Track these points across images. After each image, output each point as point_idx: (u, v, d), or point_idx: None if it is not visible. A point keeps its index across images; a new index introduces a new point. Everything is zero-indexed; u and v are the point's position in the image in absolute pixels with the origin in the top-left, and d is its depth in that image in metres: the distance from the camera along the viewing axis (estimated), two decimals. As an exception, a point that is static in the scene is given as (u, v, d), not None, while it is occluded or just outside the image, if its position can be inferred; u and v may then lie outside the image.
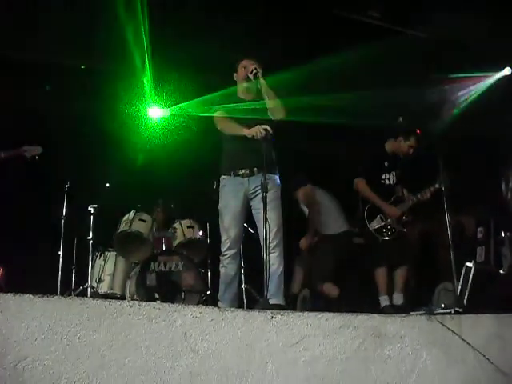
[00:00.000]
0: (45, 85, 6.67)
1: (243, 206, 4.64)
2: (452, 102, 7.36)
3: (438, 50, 6.55)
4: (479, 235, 5.96)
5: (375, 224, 5.73)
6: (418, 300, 6.07)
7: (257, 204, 4.57)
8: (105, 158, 6.62)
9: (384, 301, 5.67)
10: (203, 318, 2.40)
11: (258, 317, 2.50)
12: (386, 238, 5.70)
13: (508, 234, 5.81)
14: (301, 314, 2.65)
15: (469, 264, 5.23)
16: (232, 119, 4.68)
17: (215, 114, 4.77)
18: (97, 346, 2.21)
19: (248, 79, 4.70)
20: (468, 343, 2.93)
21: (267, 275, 4.15)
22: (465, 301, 5.01)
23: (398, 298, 5.72)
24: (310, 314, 2.67)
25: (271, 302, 4.29)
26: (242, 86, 4.84)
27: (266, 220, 4.22)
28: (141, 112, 6.99)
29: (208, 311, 2.44)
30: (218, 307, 4.50)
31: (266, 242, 4.19)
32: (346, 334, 2.64)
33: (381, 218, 5.73)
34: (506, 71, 7.16)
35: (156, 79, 6.74)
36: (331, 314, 2.68)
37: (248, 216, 4.69)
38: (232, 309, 2.68)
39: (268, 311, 2.56)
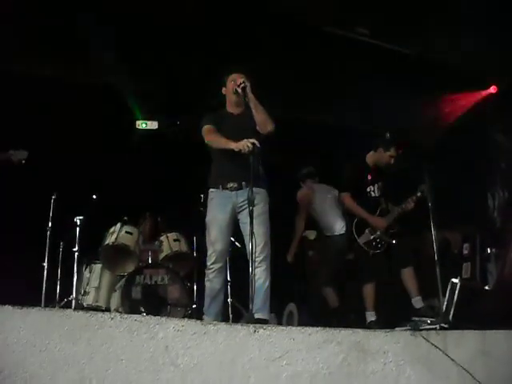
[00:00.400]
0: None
1: (231, 220, 4.63)
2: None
3: (425, 67, 6.60)
4: (465, 251, 5.99)
5: (364, 238, 5.72)
6: (403, 315, 6.05)
7: (244, 218, 4.56)
8: (91, 170, 6.58)
9: (370, 316, 5.66)
10: (185, 332, 2.38)
11: (240, 331, 2.48)
12: (377, 252, 5.68)
13: (494, 250, 5.83)
14: (284, 328, 2.64)
15: (454, 280, 5.22)
16: (220, 133, 4.68)
17: (204, 127, 4.76)
18: (77, 358, 2.18)
19: (236, 92, 4.70)
20: (452, 359, 2.92)
21: (253, 289, 4.14)
22: (450, 317, 5.01)
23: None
24: (293, 328, 2.66)
25: (257, 316, 4.26)
26: (230, 100, 4.85)
27: (252, 234, 4.21)
28: (128, 124, 6.97)
29: (190, 324, 2.42)
30: (201, 320, 4.53)
31: (252, 256, 4.19)
32: (329, 349, 2.63)
33: (369, 231, 5.72)
34: (492, 89, 7.24)
35: (143, 91, 6.73)
36: (314, 329, 2.67)
37: (235, 230, 4.68)
38: (214, 322, 2.66)
39: (251, 325, 2.54)
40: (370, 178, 5.89)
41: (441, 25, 6.14)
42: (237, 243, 5.28)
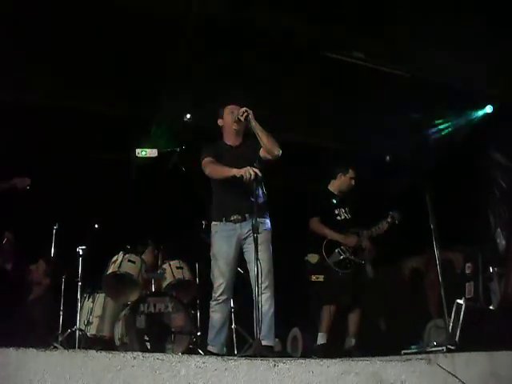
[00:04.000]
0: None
1: (236, 252, 4.66)
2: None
3: (421, 88, 6.68)
4: (468, 271, 6.01)
5: (334, 258, 5.79)
6: (408, 337, 6.06)
7: (248, 247, 4.61)
8: (93, 199, 6.59)
9: (320, 338, 5.72)
10: (206, 368, 2.38)
11: (260, 365, 2.49)
12: (346, 272, 5.74)
13: (496, 269, 5.86)
14: (303, 361, 2.64)
15: (459, 301, 5.26)
16: (220, 163, 4.69)
17: (204, 160, 4.75)
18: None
19: (239, 121, 4.72)
20: None
21: (259, 316, 4.15)
22: (457, 338, 5.02)
23: (350, 341, 5.78)
24: (312, 361, 2.66)
25: (263, 343, 4.28)
26: (228, 131, 4.88)
27: (257, 260, 4.23)
28: (129, 152, 6.99)
29: (211, 361, 2.42)
30: (206, 350, 4.53)
31: (257, 283, 4.20)
32: (347, 381, 2.64)
33: (339, 252, 5.80)
34: (488, 109, 7.32)
35: (144, 119, 6.77)
36: (332, 361, 2.67)
37: (241, 261, 4.71)
38: (235, 357, 2.67)
39: (271, 359, 2.55)
40: (335, 202, 6.02)
41: (434, 46, 6.23)
42: (240, 269, 5.27)
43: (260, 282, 4.26)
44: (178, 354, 2.45)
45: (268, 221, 4.70)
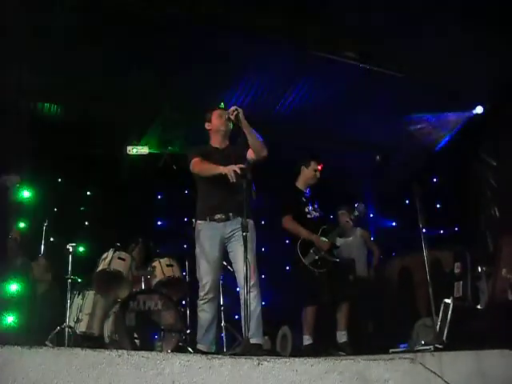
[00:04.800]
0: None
1: (220, 251, 4.68)
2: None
3: (412, 88, 6.71)
4: (456, 270, 6.02)
5: (310, 258, 5.75)
6: (397, 336, 6.11)
7: (233, 246, 4.65)
8: (83, 197, 6.60)
9: (306, 340, 5.71)
10: (191, 366, 2.40)
11: (244, 363, 2.51)
12: (322, 271, 5.71)
13: (484, 268, 5.88)
14: (287, 359, 2.66)
15: (447, 300, 5.30)
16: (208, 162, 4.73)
17: (192, 161, 4.77)
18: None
19: (229, 120, 4.74)
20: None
21: (247, 315, 4.18)
22: (444, 337, 5.06)
23: (341, 336, 5.74)
24: (296, 359, 2.67)
25: (252, 341, 4.31)
26: (216, 134, 4.94)
27: (246, 259, 4.25)
28: (119, 150, 6.99)
29: (196, 359, 2.44)
30: (196, 348, 4.56)
31: (246, 282, 4.21)
32: (331, 379, 2.65)
33: (313, 251, 5.77)
34: (478, 109, 7.36)
35: (134, 118, 6.77)
36: (316, 360, 2.69)
37: (225, 259, 4.75)
38: (220, 356, 2.68)
39: (255, 358, 2.57)
40: (304, 199, 5.99)
41: (426, 45, 6.26)
42: (230, 267, 5.29)
43: (248, 280, 4.28)
44: (164, 352, 2.43)
45: (252, 221, 4.69)
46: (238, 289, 4.70)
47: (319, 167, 6.07)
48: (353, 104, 6.85)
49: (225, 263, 4.96)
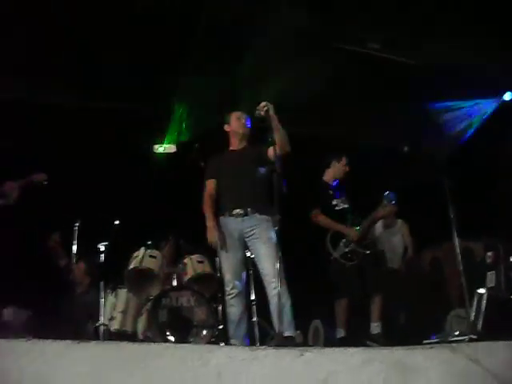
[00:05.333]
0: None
1: (241, 246, 4.79)
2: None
3: (438, 78, 6.67)
4: (488, 260, 5.99)
5: (340, 251, 5.78)
6: (429, 328, 6.08)
7: (253, 243, 4.70)
8: (113, 196, 6.67)
9: (339, 333, 5.73)
10: (235, 358, 2.43)
11: (287, 354, 2.54)
12: (353, 263, 5.74)
13: (517, 258, 5.84)
14: (327, 350, 2.69)
15: (481, 290, 5.28)
16: (221, 175, 5.00)
17: (206, 183, 5.09)
18: (133, 389, 2.24)
19: (259, 115, 4.77)
20: (488, 372, 2.94)
21: (278, 310, 4.24)
22: (479, 327, 5.05)
23: (375, 328, 5.76)
24: (336, 349, 2.70)
25: (285, 334, 4.37)
26: (235, 136, 5.08)
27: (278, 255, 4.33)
28: (148, 148, 7.06)
29: (240, 351, 2.48)
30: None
31: (279, 277, 4.27)
32: (371, 369, 2.66)
33: (343, 244, 5.79)
34: (507, 96, 7.29)
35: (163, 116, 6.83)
36: (356, 349, 2.71)
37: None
38: (263, 347, 2.72)
39: (297, 349, 2.60)
40: (332, 192, 6.01)
41: (450, 34, 6.22)
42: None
43: (271, 278, 4.42)
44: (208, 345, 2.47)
45: (269, 218, 4.71)
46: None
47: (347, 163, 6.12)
48: (374, 94, 6.82)
49: (252, 255, 5.02)
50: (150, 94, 6.64)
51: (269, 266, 4.52)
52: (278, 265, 4.43)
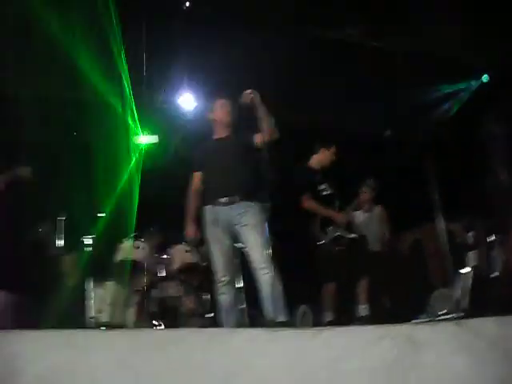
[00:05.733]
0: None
1: (229, 234, 4.72)
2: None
3: (414, 62, 6.78)
4: (469, 240, 6.15)
5: (328, 236, 5.85)
6: (412, 308, 6.20)
7: (242, 230, 4.68)
8: (96, 188, 6.63)
9: (328, 316, 5.78)
10: (256, 339, 2.49)
11: (305, 333, 2.61)
12: (340, 248, 5.81)
13: (498, 236, 5.98)
14: (342, 328, 2.77)
15: (466, 269, 5.43)
16: (207, 166, 4.91)
17: (193, 175, 5.01)
18: (160, 373, 2.28)
19: (245, 102, 4.78)
20: (492, 344, 3.06)
21: (268, 296, 4.30)
22: (465, 305, 5.20)
23: (362, 310, 5.84)
24: (350, 328, 2.79)
25: (277, 320, 4.42)
26: (219, 124, 4.99)
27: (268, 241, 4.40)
28: (130, 139, 7.03)
29: (260, 332, 2.53)
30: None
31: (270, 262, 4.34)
32: (385, 344, 2.75)
33: (332, 229, 5.85)
34: (484, 79, 7.46)
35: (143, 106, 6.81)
36: (369, 327, 2.80)
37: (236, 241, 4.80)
38: (282, 328, 2.77)
39: (314, 328, 2.67)
40: (318, 178, 6.05)
41: (428, 18, 6.32)
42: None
43: (261, 264, 4.43)
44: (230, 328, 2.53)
45: (257, 204, 4.70)
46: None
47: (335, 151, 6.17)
48: (356, 79, 6.91)
49: (242, 244, 5.05)
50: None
51: (258, 253, 4.48)
52: (268, 251, 4.49)
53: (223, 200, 4.70)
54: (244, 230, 4.63)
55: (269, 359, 2.46)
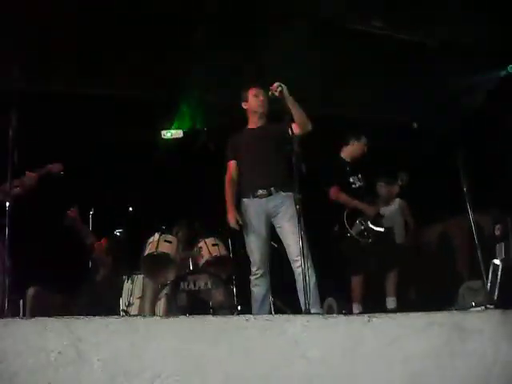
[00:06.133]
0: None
1: (267, 226, 4.76)
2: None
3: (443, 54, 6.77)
4: (497, 232, 6.13)
5: (356, 228, 5.85)
6: (440, 301, 6.20)
7: (279, 221, 4.72)
8: (125, 183, 6.68)
9: (356, 309, 5.79)
10: (310, 326, 2.53)
11: (355, 320, 2.65)
12: (368, 241, 5.81)
13: (525, 228, 5.98)
14: (392, 315, 2.81)
15: (496, 261, 5.42)
16: (242, 154, 4.91)
17: (227, 164, 5.00)
18: (220, 359, 2.32)
19: (273, 96, 4.79)
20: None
21: (306, 287, 4.29)
22: (495, 297, 5.19)
23: (391, 302, 5.86)
24: (399, 314, 2.82)
25: (312, 311, 4.43)
26: (253, 113, 5.00)
27: (300, 232, 4.34)
28: (158, 135, 7.07)
29: (314, 319, 2.58)
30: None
31: (302, 256, 4.30)
32: (432, 331, 2.79)
33: (359, 222, 5.85)
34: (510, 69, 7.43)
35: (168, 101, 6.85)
36: (418, 314, 2.84)
37: (273, 234, 4.82)
38: (334, 315, 2.81)
39: (365, 315, 2.70)
40: (348, 169, 6.05)
41: (451, 10, 6.31)
42: (272, 243, 5.37)
43: (297, 256, 4.37)
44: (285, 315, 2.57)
45: (293, 194, 4.66)
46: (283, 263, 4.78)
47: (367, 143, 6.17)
48: (384, 72, 6.92)
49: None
50: (159, 79, 6.62)
51: (295, 244, 4.47)
52: (302, 242, 4.50)
53: (260, 193, 4.74)
54: (280, 221, 4.66)
55: (322, 345, 2.51)
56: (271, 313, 5.76)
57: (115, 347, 2.22)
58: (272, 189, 4.72)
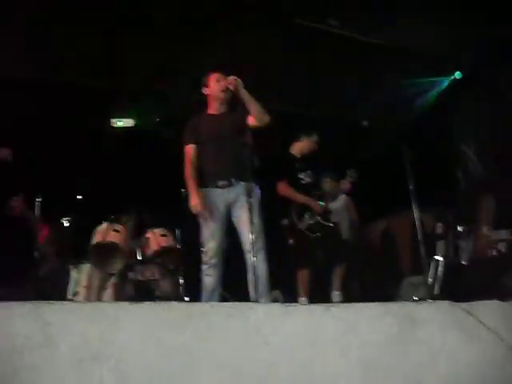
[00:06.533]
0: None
1: (224, 217, 4.76)
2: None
3: (391, 55, 6.94)
4: (439, 230, 6.36)
5: (304, 223, 5.98)
6: (383, 296, 6.38)
7: (237, 211, 4.74)
8: (74, 171, 6.57)
9: (302, 301, 5.84)
10: (272, 314, 2.59)
11: (316, 309, 2.73)
12: (316, 235, 5.94)
13: (464, 227, 6.22)
14: (349, 305, 2.91)
15: (437, 257, 5.65)
16: (201, 139, 4.83)
17: (185, 147, 4.87)
18: (186, 345, 2.35)
19: (227, 90, 4.82)
20: (481, 323, 3.25)
21: (255, 278, 4.34)
22: (436, 291, 5.41)
23: (336, 296, 5.98)
24: (357, 304, 2.93)
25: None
26: (214, 100, 4.96)
27: (251, 223, 4.40)
28: (108, 122, 6.97)
29: (275, 307, 2.64)
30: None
31: (252, 246, 4.35)
32: (387, 321, 2.91)
33: (308, 216, 5.98)
34: (457, 75, 7.71)
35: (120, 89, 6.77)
36: (374, 304, 2.95)
37: (229, 225, 4.82)
38: (295, 304, 2.88)
39: (325, 304, 2.79)
40: (297, 166, 6.15)
41: (404, 12, 6.48)
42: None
43: (254, 244, 4.40)
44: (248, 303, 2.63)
45: (255, 186, 4.74)
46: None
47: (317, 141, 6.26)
48: (337, 72, 7.04)
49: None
50: (109, 66, 6.53)
51: (249, 234, 4.45)
52: (260, 233, 4.58)
53: (220, 183, 4.73)
54: (239, 211, 4.66)
55: (283, 332, 2.58)
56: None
57: (83, 332, 2.22)
58: (232, 179, 4.72)
